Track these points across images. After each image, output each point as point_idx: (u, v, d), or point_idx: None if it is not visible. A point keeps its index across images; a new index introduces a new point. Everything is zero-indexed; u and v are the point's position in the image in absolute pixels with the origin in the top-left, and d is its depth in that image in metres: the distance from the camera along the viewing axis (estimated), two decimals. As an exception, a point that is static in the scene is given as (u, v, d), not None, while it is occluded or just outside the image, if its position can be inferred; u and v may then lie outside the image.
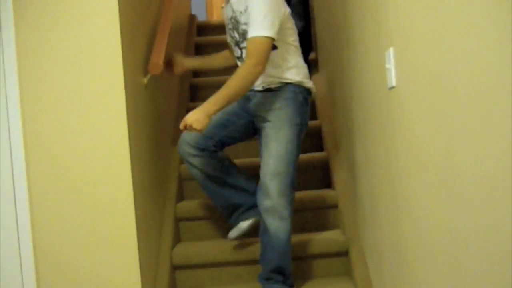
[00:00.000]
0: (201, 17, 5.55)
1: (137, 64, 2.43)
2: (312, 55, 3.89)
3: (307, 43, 3.83)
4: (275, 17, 2.20)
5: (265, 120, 2.35)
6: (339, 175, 2.90)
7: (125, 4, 2.26)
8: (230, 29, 2.45)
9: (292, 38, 2.38)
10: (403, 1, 1.49)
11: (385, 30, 1.70)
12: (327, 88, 3.36)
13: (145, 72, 2.53)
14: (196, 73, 4.07)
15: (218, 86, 3.75)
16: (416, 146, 1.46)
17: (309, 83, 2.42)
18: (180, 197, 3.04)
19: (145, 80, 2.51)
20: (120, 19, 2.15)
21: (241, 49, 2.40)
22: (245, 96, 2.37)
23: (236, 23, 2.38)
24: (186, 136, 2.48)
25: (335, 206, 2.84)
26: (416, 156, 1.46)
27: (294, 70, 2.37)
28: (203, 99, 3.72)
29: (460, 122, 1.12)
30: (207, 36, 4.58)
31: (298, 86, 2.37)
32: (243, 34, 2.32)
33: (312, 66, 3.83)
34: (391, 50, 1.62)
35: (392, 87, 1.63)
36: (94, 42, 2.15)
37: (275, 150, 2.29)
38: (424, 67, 1.34)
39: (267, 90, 2.36)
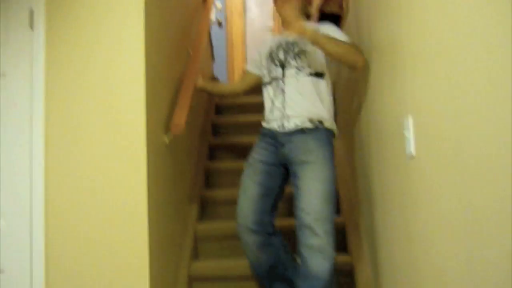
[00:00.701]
0: (223, 79, 5.68)
1: (160, 122, 2.48)
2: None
3: None
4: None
5: (303, 162, 2.36)
6: (355, 241, 2.87)
7: (152, 61, 2.34)
8: (273, 52, 2.59)
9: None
10: (420, 70, 1.53)
11: (403, 98, 1.73)
12: (345, 152, 3.38)
13: (167, 130, 2.59)
14: (215, 132, 4.14)
15: (235, 146, 3.84)
16: (436, 216, 1.46)
17: (335, 125, 2.51)
18: (195, 256, 3.02)
19: (167, 139, 2.56)
20: (146, 75, 2.23)
21: (284, 69, 2.50)
22: (274, 144, 2.44)
23: (289, 45, 2.54)
24: (246, 210, 2.44)
25: (349, 272, 2.79)
26: (437, 226, 1.46)
27: (329, 110, 2.47)
28: (222, 158, 3.83)
29: (482, 194, 1.12)
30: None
31: (329, 130, 2.46)
32: (298, 54, 2.49)
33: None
34: (410, 118, 1.64)
35: (411, 156, 1.65)
36: (120, 99, 2.22)
37: (318, 190, 2.29)
38: (444, 136, 1.36)
39: (300, 132, 2.40)
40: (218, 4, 5.92)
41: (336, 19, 3.42)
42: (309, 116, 2.42)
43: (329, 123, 2.45)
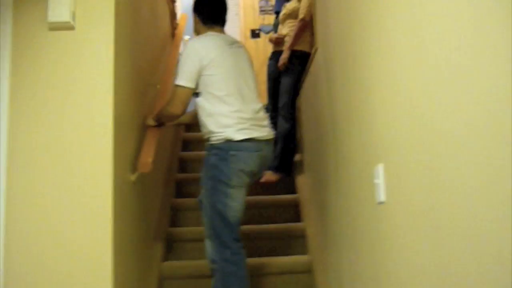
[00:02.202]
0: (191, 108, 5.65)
1: (126, 158, 2.44)
2: (297, 156, 3.96)
3: (293, 144, 3.90)
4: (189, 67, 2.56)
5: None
6: (323, 280, 2.86)
7: (120, 96, 2.31)
8: None
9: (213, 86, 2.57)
10: (390, 118, 1.55)
11: (374, 146, 1.75)
12: (312, 190, 3.39)
13: (133, 169, 2.54)
14: (182, 168, 4.10)
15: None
16: (406, 262, 1.46)
17: (223, 134, 2.50)
18: (159, 296, 2.95)
19: (133, 178, 2.51)
20: (114, 111, 2.19)
21: None
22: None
23: None
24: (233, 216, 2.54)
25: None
26: (408, 271, 1.46)
27: (214, 122, 2.54)
28: (189, 195, 3.78)
29: (453, 240, 1.13)
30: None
31: (213, 144, 2.54)
32: None
33: (297, 167, 3.89)
34: (380, 166, 1.66)
35: (381, 202, 1.66)
36: (87, 134, 2.16)
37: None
38: (415, 183, 1.37)
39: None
40: (186, 37, 5.94)
41: (306, 57, 3.48)
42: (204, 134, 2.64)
43: (214, 137, 2.53)
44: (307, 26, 3.65)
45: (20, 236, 2.10)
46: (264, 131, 2.59)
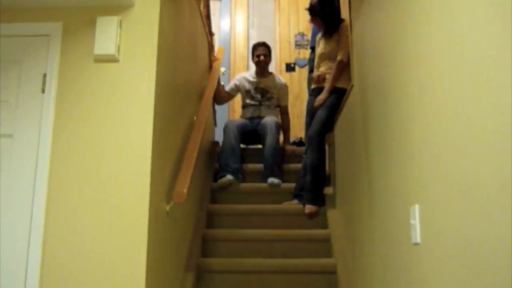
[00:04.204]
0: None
1: (162, 190, 2.48)
2: (328, 190, 3.94)
3: (322, 175, 3.89)
4: None
5: None
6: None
7: (159, 129, 2.36)
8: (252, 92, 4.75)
9: None
10: (428, 158, 1.55)
11: (410, 186, 1.75)
12: (344, 226, 3.36)
13: (169, 199, 2.58)
14: (213, 200, 4.13)
15: (234, 213, 3.83)
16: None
17: None
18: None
19: (168, 208, 2.55)
20: (152, 143, 2.24)
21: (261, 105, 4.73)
22: None
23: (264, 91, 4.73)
24: None
25: None
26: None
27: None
28: (220, 226, 3.80)
29: (488, 284, 1.12)
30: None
31: None
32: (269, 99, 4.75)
33: (328, 200, 3.88)
34: (417, 206, 1.65)
35: (417, 243, 1.65)
36: (126, 165, 2.22)
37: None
38: (449, 226, 1.37)
39: None
40: (222, 69, 6.05)
41: (342, 93, 3.51)
42: None
43: None
44: (345, 68, 3.69)
45: (55, 259, 2.15)
46: None
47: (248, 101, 4.76)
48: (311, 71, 4.76)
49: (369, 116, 2.51)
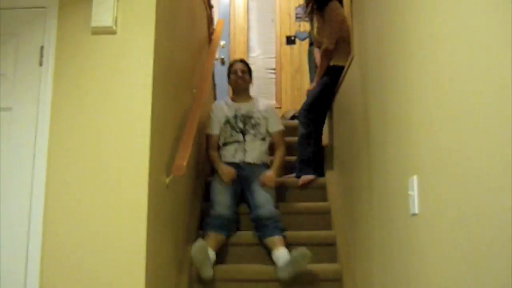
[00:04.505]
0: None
1: (162, 163, 2.49)
2: (327, 162, 3.96)
3: (311, 149, 3.90)
4: None
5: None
6: (351, 290, 2.85)
7: (158, 100, 2.36)
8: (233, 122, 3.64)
9: None
10: (427, 129, 1.55)
11: (409, 157, 1.75)
12: (344, 199, 3.38)
13: (168, 172, 2.58)
14: (212, 172, 4.13)
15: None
16: (438, 272, 1.46)
17: None
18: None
19: (167, 181, 2.55)
20: (152, 114, 2.24)
21: (244, 135, 3.62)
22: None
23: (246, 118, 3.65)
24: None
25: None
26: (440, 282, 1.45)
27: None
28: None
29: (485, 253, 1.13)
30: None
31: None
32: (254, 126, 3.65)
33: (327, 173, 3.89)
34: (415, 177, 1.65)
35: (415, 214, 1.65)
36: (125, 138, 2.22)
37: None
38: (447, 196, 1.37)
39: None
40: (222, 43, 6.01)
41: (337, 70, 3.50)
42: None
43: None
44: (331, 54, 3.73)
45: (56, 228, 2.17)
46: None
47: (227, 135, 3.63)
48: (311, 44, 4.73)
49: (368, 88, 2.50)
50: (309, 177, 3.81)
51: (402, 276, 1.88)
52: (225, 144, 3.64)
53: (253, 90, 4.14)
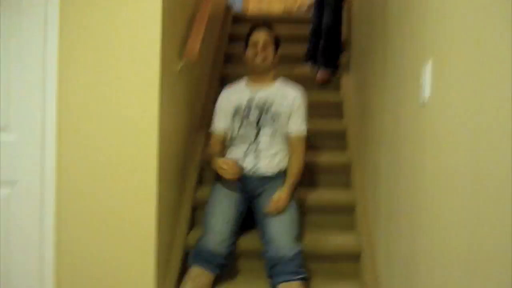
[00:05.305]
0: (238, 6, 5.55)
1: (174, 49, 2.46)
2: (343, 56, 3.89)
3: (336, 40, 3.84)
4: None
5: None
6: (359, 178, 2.92)
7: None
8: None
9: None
10: (442, 13, 1.50)
11: (425, 41, 1.71)
12: (356, 90, 3.36)
13: (180, 57, 2.56)
14: (227, 61, 4.10)
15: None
16: (445, 162, 1.47)
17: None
18: (199, 183, 3.06)
19: (179, 66, 2.54)
20: (162, 3, 2.18)
21: (259, 131, 2.65)
22: None
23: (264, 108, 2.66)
24: None
25: (352, 208, 2.88)
26: (444, 171, 1.48)
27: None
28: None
29: (492, 141, 1.13)
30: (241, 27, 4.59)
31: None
32: (273, 119, 2.65)
33: (343, 68, 3.84)
34: (429, 63, 1.62)
35: (425, 102, 1.64)
36: (135, 25, 2.17)
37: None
38: (459, 82, 1.36)
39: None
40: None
41: None
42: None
43: None
44: None
45: (70, 115, 2.19)
46: None
47: (235, 131, 2.69)
48: None
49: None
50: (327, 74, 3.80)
51: (408, 165, 1.90)
52: (231, 143, 2.72)
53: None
